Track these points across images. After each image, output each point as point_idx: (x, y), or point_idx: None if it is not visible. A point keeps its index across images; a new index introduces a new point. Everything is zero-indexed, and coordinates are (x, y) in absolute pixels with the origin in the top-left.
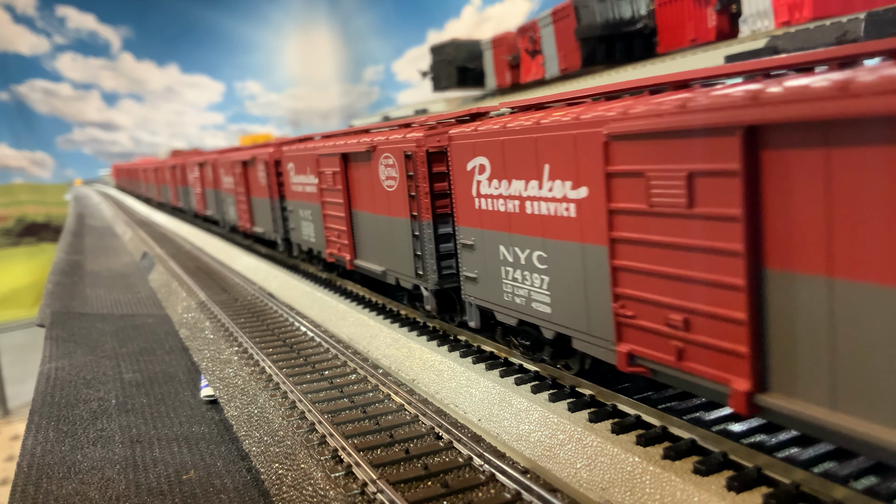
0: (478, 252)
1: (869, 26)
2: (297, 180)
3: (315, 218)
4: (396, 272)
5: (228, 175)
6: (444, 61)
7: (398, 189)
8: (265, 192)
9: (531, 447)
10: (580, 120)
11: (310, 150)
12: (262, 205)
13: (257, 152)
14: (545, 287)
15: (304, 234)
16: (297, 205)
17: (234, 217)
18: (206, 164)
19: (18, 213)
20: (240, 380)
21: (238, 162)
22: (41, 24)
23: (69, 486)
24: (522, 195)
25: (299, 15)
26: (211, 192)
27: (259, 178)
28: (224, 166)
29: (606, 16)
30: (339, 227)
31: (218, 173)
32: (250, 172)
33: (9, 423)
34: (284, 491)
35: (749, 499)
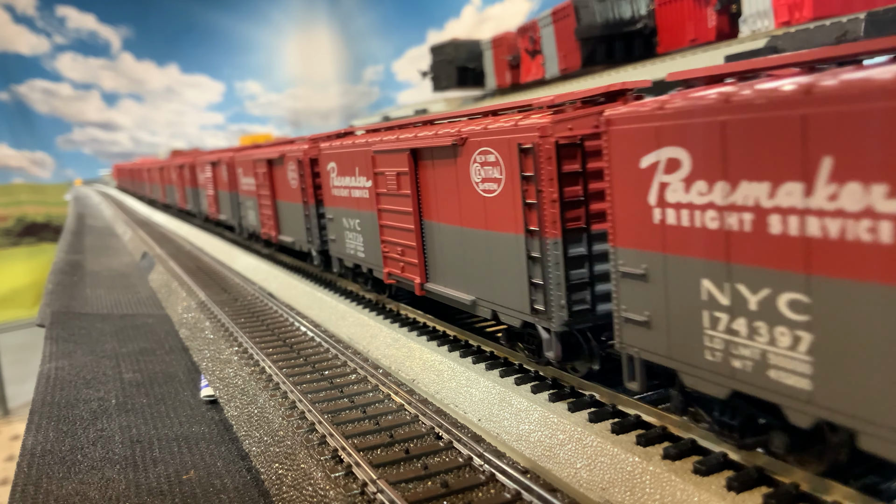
0: (655, 286)
1: (869, 26)
2: (340, 183)
3: (367, 229)
4: (496, 304)
5: (249, 175)
6: (444, 61)
7: (502, 194)
8: (297, 196)
9: (531, 447)
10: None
11: (360, 147)
12: (291, 210)
13: (287, 149)
14: (802, 349)
15: (348, 247)
16: (341, 212)
17: (255, 223)
18: (220, 164)
19: (18, 213)
20: (240, 380)
21: (262, 161)
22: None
23: (69, 486)
24: (763, 205)
25: (299, 15)
26: (226, 194)
27: (289, 180)
28: (243, 166)
29: (606, 16)
30: (403, 242)
31: (235, 174)
32: (277, 173)
33: (9, 423)
34: (284, 491)
35: (749, 499)
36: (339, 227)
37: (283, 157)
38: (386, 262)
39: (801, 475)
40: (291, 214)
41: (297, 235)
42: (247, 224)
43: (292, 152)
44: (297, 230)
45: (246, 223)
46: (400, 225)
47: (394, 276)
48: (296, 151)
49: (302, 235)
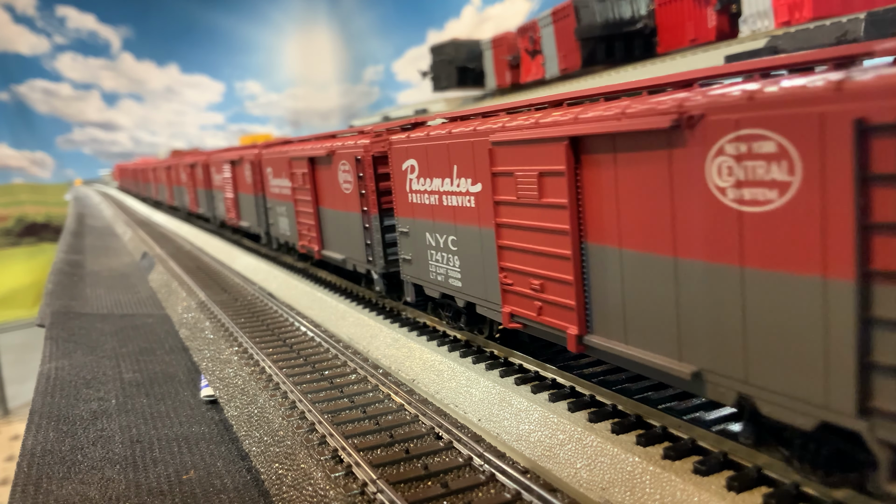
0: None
1: (869, 26)
2: (423, 186)
3: (469, 249)
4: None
5: (282, 176)
6: (444, 61)
7: (792, 206)
8: (352, 203)
9: (531, 447)
10: None
11: (464, 138)
12: (342, 221)
13: (338, 145)
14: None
15: (434, 271)
16: (423, 225)
17: (289, 233)
18: (242, 162)
19: (18, 213)
20: (240, 380)
21: (301, 159)
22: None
23: (69, 486)
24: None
25: (299, 15)
26: (249, 198)
27: (340, 183)
28: (274, 164)
29: (606, 16)
30: (545, 273)
31: (262, 174)
32: (322, 174)
33: (9, 423)
34: (284, 491)
35: (749, 499)
36: (420, 244)
37: (331, 155)
38: (507, 297)
39: (801, 475)
40: (342, 225)
41: (349, 252)
42: (277, 233)
43: (346, 149)
44: (349, 245)
45: (276, 232)
46: (540, 248)
47: (521, 320)
48: (352, 148)
49: (358, 252)
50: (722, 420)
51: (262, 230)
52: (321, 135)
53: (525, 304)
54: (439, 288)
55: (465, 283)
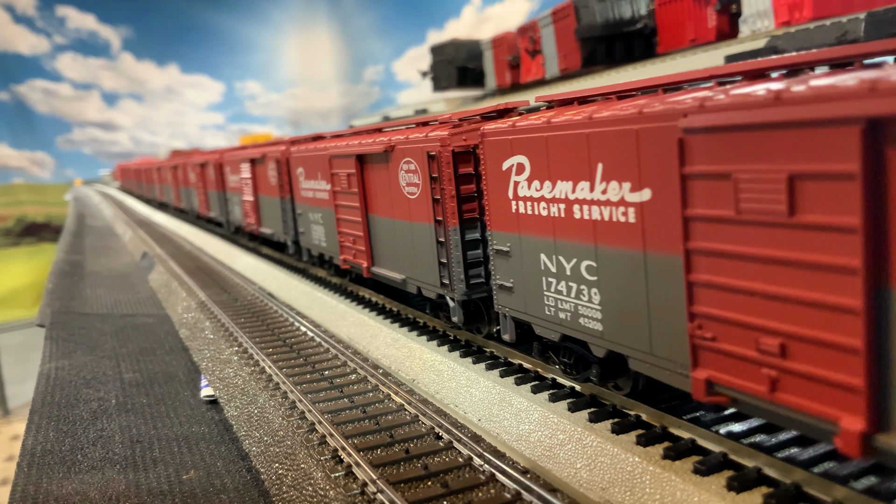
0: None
1: (869, 26)
2: (530, 192)
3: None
4: None
5: (317, 178)
6: (444, 61)
7: None
8: (420, 212)
9: (531, 447)
10: None
11: None
12: (409, 235)
13: (398, 140)
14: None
15: (558, 306)
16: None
17: (326, 244)
18: (265, 161)
19: (18, 213)
20: (240, 380)
21: (347, 157)
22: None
23: (69, 486)
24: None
25: (299, 15)
26: (272, 201)
27: (401, 187)
28: (306, 164)
29: (606, 16)
30: None
31: (289, 175)
32: (375, 175)
33: (9, 423)
34: (284, 491)
35: (749, 499)
36: (529, 268)
37: (389, 152)
38: (702, 357)
39: (801, 475)
40: (402, 238)
41: (413, 271)
42: (309, 244)
43: (413, 143)
44: (413, 263)
45: (307, 242)
46: (786, 292)
47: (732, 393)
48: (421, 142)
49: (426, 273)
50: (722, 420)
51: (288, 239)
52: (366, 128)
53: (743, 370)
54: (559, 328)
55: (608, 325)
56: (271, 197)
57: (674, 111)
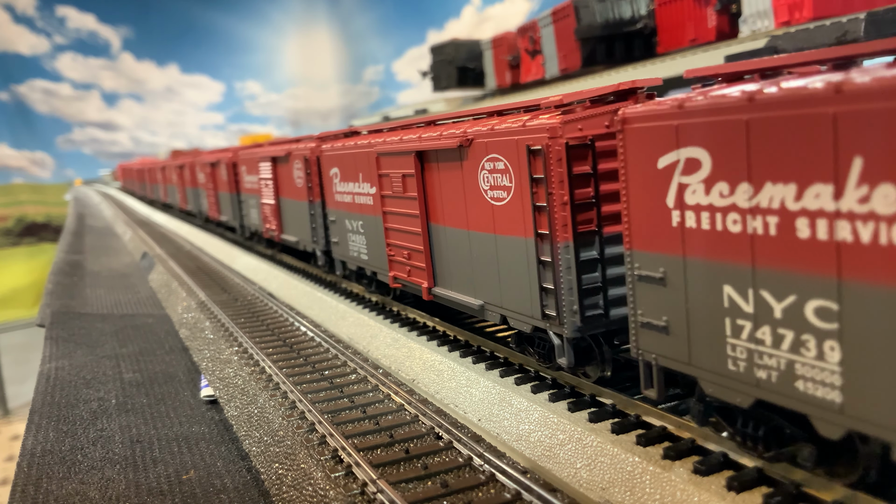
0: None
1: (869, 26)
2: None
3: None
4: None
5: (357, 179)
6: (444, 61)
7: None
8: (510, 222)
9: (531, 447)
10: None
11: None
12: (491, 250)
13: (477, 131)
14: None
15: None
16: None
17: (367, 256)
18: (288, 160)
19: (18, 213)
20: (240, 380)
21: (402, 156)
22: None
23: (69, 486)
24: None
25: (299, 15)
26: (298, 206)
27: (481, 191)
28: (342, 164)
29: (606, 16)
30: None
31: (321, 176)
32: (440, 176)
33: (9, 423)
34: (284, 491)
35: (749, 499)
36: (706, 305)
37: (464, 147)
38: None
39: (801, 475)
40: (481, 254)
41: (499, 296)
42: (344, 254)
43: (501, 135)
44: (498, 285)
45: (342, 253)
46: None
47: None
48: (517, 132)
49: (519, 299)
50: None
51: (317, 248)
52: (417, 120)
53: None
54: (753, 390)
55: (853, 394)
56: (297, 200)
57: None
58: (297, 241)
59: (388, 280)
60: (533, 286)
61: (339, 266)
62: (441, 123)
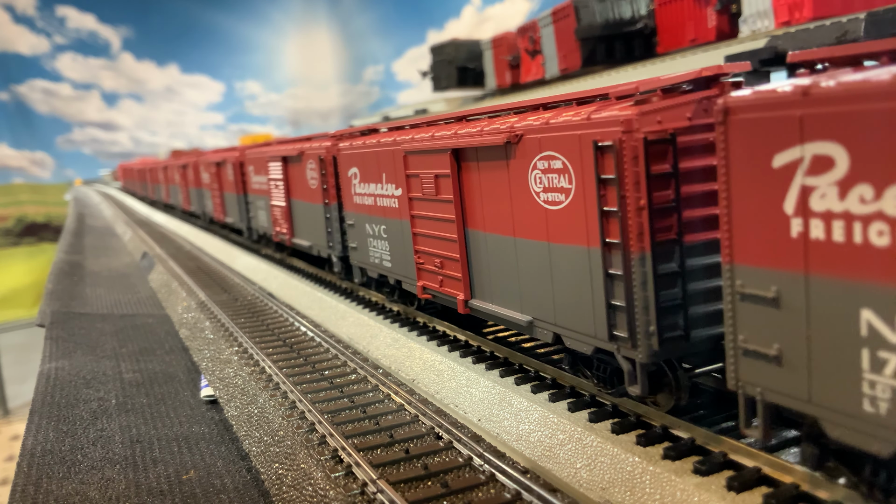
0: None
1: (869, 26)
2: None
3: None
4: None
5: (381, 181)
6: (444, 61)
7: None
8: (571, 230)
9: (531, 447)
10: None
11: None
12: (547, 260)
13: (527, 125)
14: None
15: None
16: None
17: (391, 264)
18: (301, 159)
19: (18, 213)
20: (240, 380)
21: (437, 153)
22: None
23: (69, 486)
24: None
25: (299, 15)
26: (313, 208)
27: (532, 194)
28: (362, 163)
29: (606, 16)
30: None
31: (337, 177)
32: (481, 175)
33: (9, 423)
34: (284, 491)
35: (749, 499)
36: None
37: (512, 144)
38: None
39: (801, 475)
40: (538, 265)
41: (555, 314)
42: (364, 261)
43: (558, 130)
44: (552, 301)
45: (362, 259)
46: None
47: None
48: (579, 126)
49: (583, 321)
50: (722, 420)
51: (333, 254)
52: (448, 115)
53: None
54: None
55: None
56: (310, 203)
57: None
58: (311, 246)
59: (416, 290)
60: (597, 303)
61: (358, 273)
62: (474, 119)
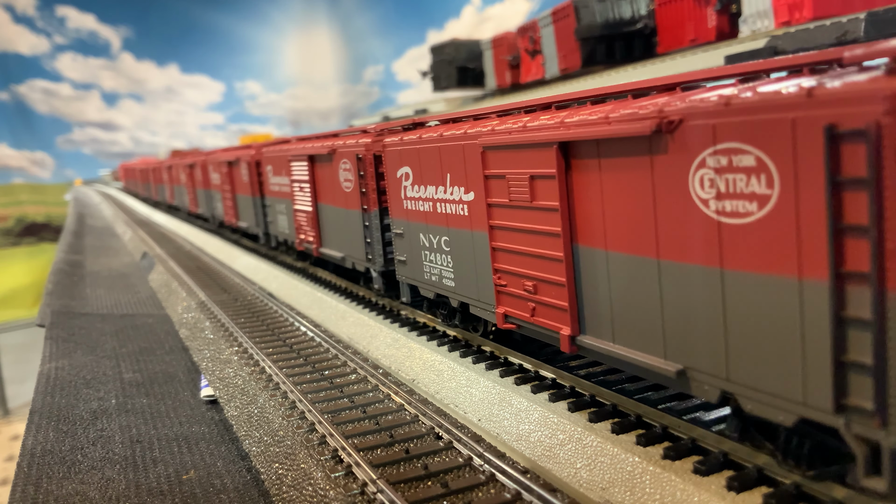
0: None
1: (869, 26)
2: None
3: None
4: None
5: (443, 181)
6: (444, 61)
7: None
8: (774, 255)
9: (531, 447)
10: None
11: None
12: (682, 284)
13: (686, 109)
14: None
15: None
16: None
17: (454, 283)
18: (332, 159)
19: (18, 213)
20: (240, 380)
21: (520, 150)
22: (41, 24)
23: (69, 486)
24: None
25: (299, 15)
26: (347, 215)
27: (693, 196)
28: (424, 161)
29: (606, 16)
30: None
31: (377, 179)
32: (592, 176)
33: (9, 423)
34: (284, 491)
35: (749, 499)
36: None
37: (667, 130)
38: None
39: (801, 475)
40: (684, 293)
41: (692, 356)
42: (417, 276)
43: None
44: (687, 335)
45: (416, 274)
46: None
47: None
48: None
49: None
50: (722, 420)
51: (373, 267)
52: (515, 105)
53: None
54: None
55: None
56: (343, 208)
57: None
58: (343, 258)
59: (494, 318)
60: (813, 356)
61: (406, 291)
62: (557, 107)
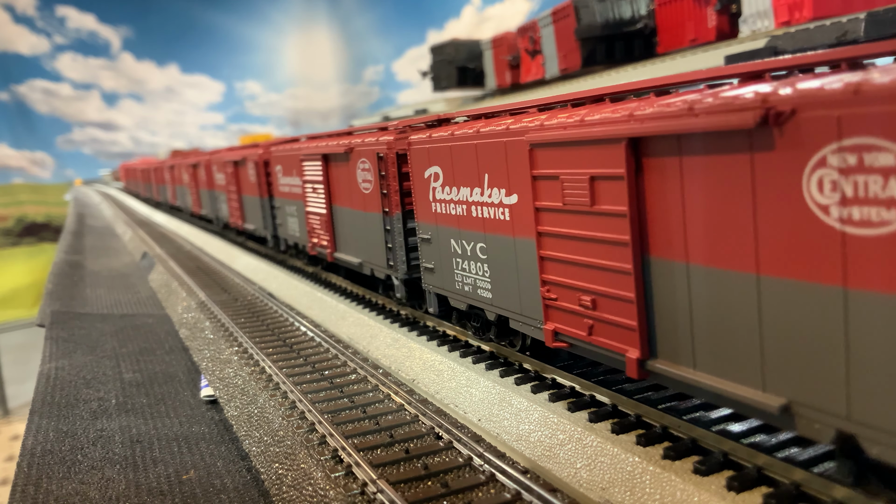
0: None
1: (869, 26)
2: None
3: None
4: None
5: (480, 182)
6: (444, 61)
7: None
8: None
9: (531, 447)
10: None
11: None
12: None
13: (808, 92)
14: None
15: None
16: None
17: (493, 290)
18: (349, 158)
19: (18, 213)
20: (240, 380)
21: (576, 147)
22: (41, 24)
23: (69, 486)
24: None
25: (299, 15)
26: (365, 218)
27: (791, 201)
28: (454, 159)
29: (606, 16)
30: None
31: (401, 180)
32: (668, 177)
33: (9, 423)
34: (284, 491)
35: (749, 499)
36: None
37: (776, 122)
38: None
39: (801, 475)
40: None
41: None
42: (448, 285)
43: None
44: None
45: (447, 283)
46: None
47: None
48: None
49: None
50: (722, 420)
51: (395, 274)
52: (557, 98)
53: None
54: None
55: None
56: (361, 211)
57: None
58: (361, 264)
59: (542, 335)
60: None
61: (433, 301)
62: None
